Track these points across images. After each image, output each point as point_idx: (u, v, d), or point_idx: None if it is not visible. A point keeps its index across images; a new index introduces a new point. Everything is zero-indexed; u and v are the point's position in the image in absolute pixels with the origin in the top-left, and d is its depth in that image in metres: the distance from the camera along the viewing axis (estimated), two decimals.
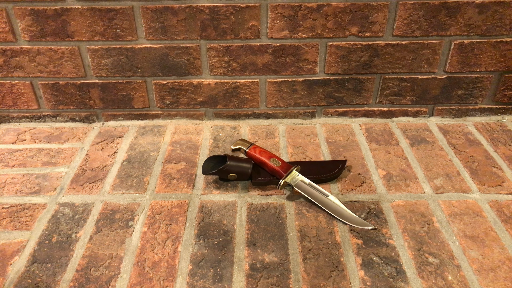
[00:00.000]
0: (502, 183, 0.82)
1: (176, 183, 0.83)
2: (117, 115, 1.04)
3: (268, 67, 0.96)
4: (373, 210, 0.76)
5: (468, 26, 0.90)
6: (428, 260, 0.66)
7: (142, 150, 0.93)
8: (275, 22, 0.90)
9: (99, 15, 0.89)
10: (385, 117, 1.04)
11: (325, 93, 1.00)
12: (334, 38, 0.92)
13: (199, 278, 0.64)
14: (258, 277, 0.64)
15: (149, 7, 0.88)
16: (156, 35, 0.92)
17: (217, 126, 1.02)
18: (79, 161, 0.90)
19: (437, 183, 0.82)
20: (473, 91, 1.00)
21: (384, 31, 0.91)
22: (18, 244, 0.70)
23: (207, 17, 0.89)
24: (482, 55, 0.94)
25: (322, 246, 0.69)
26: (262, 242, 0.70)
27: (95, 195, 0.81)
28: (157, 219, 0.75)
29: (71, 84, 0.99)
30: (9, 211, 0.77)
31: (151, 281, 0.64)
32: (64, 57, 0.94)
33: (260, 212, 0.76)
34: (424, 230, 0.72)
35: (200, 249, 0.69)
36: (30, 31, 0.90)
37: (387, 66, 0.96)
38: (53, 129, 1.01)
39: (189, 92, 1.00)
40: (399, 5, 0.88)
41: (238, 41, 0.93)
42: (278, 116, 1.04)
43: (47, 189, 0.82)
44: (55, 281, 0.64)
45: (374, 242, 0.70)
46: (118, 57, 0.94)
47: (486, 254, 0.67)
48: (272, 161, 0.82)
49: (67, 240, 0.71)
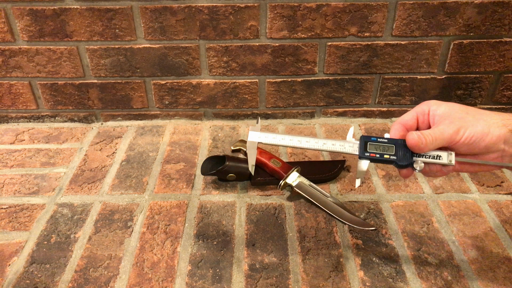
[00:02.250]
0: (501, 183, 0.82)
1: (175, 184, 0.83)
2: (116, 115, 1.04)
3: (267, 67, 0.96)
4: (373, 210, 0.76)
5: (467, 26, 0.90)
6: (428, 260, 0.66)
7: (141, 151, 0.93)
8: (274, 22, 0.90)
9: (98, 15, 0.89)
10: (385, 117, 1.04)
11: (324, 93, 1.00)
12: (333, 38, 0.92)
13: (198, 279, 0.64)
14: (257, 277, 0.64)
15: (148, 7, 0.88)
16: (155, 35, 0.91)
17: (216, 126, 1.02)
18: (77, 162, 0.90)
19: (436, 183, 0.82)
20: (472, 91, 1.00)
21: (383, 31, 0.91)
22: (16, 245, 0.70)
23: (206, 17, 0.89)
24: (481, 55, 0.94)
25: (322, 246, 0.69)
26: (261, 242, 0.70)
27: (94, 195, 0.80)
28: (156, 219, 0.75)
29: (70, 84, 0.98)
30: (8, 211, 0.77)
31: (150, 282, 0.63)
32: (63, 57, 0.94)
33: (260, 213, 0.76)
34: (424, 230, 0.72)
35: (199, 250, 0.69)
36: (28, 31, 0.90)
37: (386, 66, 0.96)
38: (51, 130, 1.01)
39: (188, 92, 1.00)
40: (398, 5, 0.88)
41: (237, 41, 0.93)
42: (277, 116, 1.04)
43: (45, 190, 0.82)
44: (53, 282, 0.64)
45: (374, 242, 0.70)
46: (117, 57, 0.94)
47: (486, 254, 0.67)
48: (273, 162, 0.81)
49: (65, 240, 0.71)
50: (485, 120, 0.49)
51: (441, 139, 0.50)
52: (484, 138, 0.49)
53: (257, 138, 0.59)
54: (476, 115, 0.50)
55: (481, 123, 0.49)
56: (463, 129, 0.49)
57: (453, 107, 0.51)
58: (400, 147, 0.53)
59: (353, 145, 0.56)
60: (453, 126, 0.50)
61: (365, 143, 0.54)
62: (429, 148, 0.51)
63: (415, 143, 0.50)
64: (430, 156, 0.52)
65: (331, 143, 0.57)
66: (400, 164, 0.52)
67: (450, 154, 0.51)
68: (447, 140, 0.50)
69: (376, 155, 0.53)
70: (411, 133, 0.51)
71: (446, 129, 0.50)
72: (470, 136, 0.49)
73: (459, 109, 0.51)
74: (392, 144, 0.53)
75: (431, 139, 0.50)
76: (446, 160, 0.51)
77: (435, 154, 0.52)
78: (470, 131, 0.49)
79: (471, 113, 0.50)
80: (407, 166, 0.52)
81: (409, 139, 0.51)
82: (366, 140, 0.54)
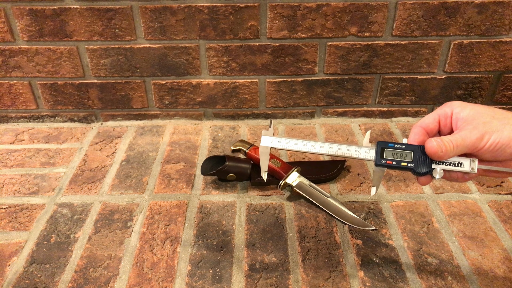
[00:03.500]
0: (501, 183, 0.82)
1: (175, 184, 0.83)
2: (115, 115, 1.03)
3: (267, 67, 0.96)
4: (373, 210, 0.76)
5: (467, 26, 0.90)
6: (428, 260, 0.66)
7: (141, 150, 0.93)
8: (274, 22, 0.90)
9: (98, 15, 0.89)
10: (385, 117, 1.04)
11: (325, 93, 1.00)
12: (334, 38, 0.92)
13: (198, 279, 0.64)
14: (257, 277, 0.64)
15: (148, 7, 0.88)
16: (155, 35, 0.91)
17: (216, 126, 1.02)
18: (77, 162, 0.89)
19: (436, 183, 0.82)
20: (472, 91, 1.00)
21: (383, 31, 0.91)
22: (16, 245, 0.70)
23: (206, 17, 0.89)
24: (482, 55, 0.94)
25: (322, 246, 0.69)
26: (261, 242, 0.70)
27: (93, 195, 0.80)
28: (156, 219, 0.75)
29: (70, 84, 0.98)
30: (8, 211, 0.77)
31: (150, 282, 0.63)
32: (63, 57, 0.94)
33: (259, 213, 0.76)
34: (424, 231, 0.72)
35: (199, 250, 0.69)
36: (28, 31, 0.90)
37: (387, 66, 0.96)
38: (51, 129, 1.01)
39: (188, 92, 1.00)
40: (399, 5, 0.88)
41: (237, 41, 0.92)
42: (277, 116, 1.04)
43: (45, 190, 0.82)
44: (53, 282, 0.64)
45: (374, 242, 0.70)
46: (116, 57, 0.94)
47: (486, 255, 0.67)
48: (273, 162, 0.81)
49: (65, 240, 0.71)
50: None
51: (463, 146, 0.46)
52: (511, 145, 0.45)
53: (269, 143, 0.56)
54: (503, 119, 0.46)
55: (507, 128, 0.45)
56: (488, 135, 0.46)
57: (478, 110, 0.48)
58: (418, 154, 0.50)
59: (369, 151, 0.53)
60: (476, 132, 0.46)
61: (381, 149, 0.51)
62: (449, 156, 0.47)
63: (434, 151, 0.47)
64: (451, 163, 0.49)
65: (346, 148, 0.54)
66: (419, 172, 0.49)
67: (473, 162, 0.48)
68: (469, 147, 0.46)
69: (393, 162, 0.50)
70: (430, 140, 0.48)
71: (469, 135, 0.46)
72: (495, 142, 0.45)
73: (484, 112, 0.47)
74: (410, 150, 0.50)
75: (452, 146, 0.47)
76: (468, 168, 0.48)
77: (456, 161, 0.49)
78: (495, 137, 0.45)
79: (497, 116, 0.47)
80: (426, 174, 0.50)
81: (428, 147, 0.48)
82: (383, 146, 0.51)
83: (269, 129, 0.58)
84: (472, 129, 0.47)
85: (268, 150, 0.58)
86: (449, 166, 0.49)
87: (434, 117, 0.51)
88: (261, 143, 0.57)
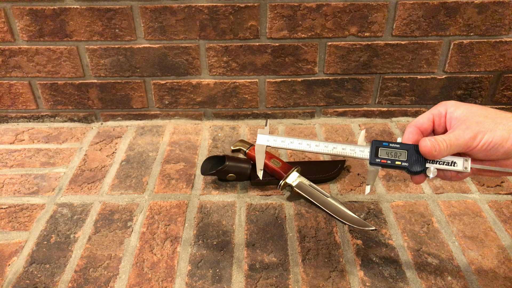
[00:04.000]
0: (501, 183, 0.82)
1: (175, 184, 0.83)
2: (115, 115, 1.03)
3: (267, 67, 0.96)
4: (373, 210, 0.76)
5: (467, 26, 0.90)
6: (428, 260, 0.66)
7: (141, 150, 0.93)
8: (274, 22, 0.90)
9: (98, 15, 0.89)
10: (385, 117, 1.04)
11: (324, 93, 1.00)
12: (334, 38, 0.92)
13: (198, 279, 0.64)
14: (257, 277, 0.64)
15: (148, 7, 0.88)
16: (155, 35, 0.91)
17: (216, 126, 1.02)
18: (77, 162, 0.89)
19: (436, 183, 0.82)
20: (472, 91, 1.00)
21: (383, 31, 0.91)
22: (16, 245, 0.70)
23: (206, 17, 0.89)
24: (482, 55, 0.94)
25: (322, 246, 0.69)
26: (261, 242, 0.70)
27: (93, 195, 0.80)
28: (156, 219, 0.75)
29: (70, 84, 0.98)
30: (7, 211, 0.77)
31: (150, 282, 0.63)
32: (63, 57, 0.94)
33: (259, 213, 0.76)
34: (424, 231, 0.72)
35: (199, 250, 0.69)
36: (28, 31, 0.90)
37: (387, 66, 0.96)
38: (51, 129, 1.01)
39: (188, 92, 1.00)
40: (399, 5, 0.88)
41: (237, 41, 0.92)
42: (277, 116, 1.04)
43: (45, 190, 0.82)
44: (53, 282, 0.63)
45: (374, 242, 0.70)
46: (116, 57, 0.94)
47: (486, 255, 0.67)
48: (273, 162, 0.81)
49: (65, 240, 0.71)
50: (505, 125, 0.46)
51: (456, 146, 0.47)
52: (504, 144, 0.46)
53: (265, 141, 0.57)
54: (497, 119, 0.46)
55: (500, 128, 0.46)
56: (481, 134, 0.46)
57: (471, 110, 0.48)
58: (412, 153, 0.50)
59: (364, 150, 0.53)
60: (469, 132, 0.47)
61: (376, 148, 0.52)
62: (443, 155, 0.48)
63: (428, 150, 0.48)
64: (444, 162, 0.49)
65: (341, 147, 0.55)
66: (412, 171, 0.50)
67: (466, 161, 0.49)
68: (462, 147, 0.47)
69: (387, 161, 0.51)
70: (424, 140, 0.49)
71: (462, 135, 0.47)
72: (488, 142, 0.46)
73: (477, 112, 0.48)
74: (404, 149, 0.51)
75: (445, 145, 0.47)
76: (461, 167, 0.49)
77: (450, 160, 0.49)
78: (488, 136, 0.46)
79: (490, 116, 0.47)
80: (420, 172, 0.50)
81: (422, 146, 0.49)
82: (377, 145, 0.52)
83: (265, 127, 0.59)
84: (465, 129, 0.47)
85: (263, 148, 0.58)
86: (442, 165, 0.50)
87: (428, 117, 0.51)
88: (257, 141, 0.58)
